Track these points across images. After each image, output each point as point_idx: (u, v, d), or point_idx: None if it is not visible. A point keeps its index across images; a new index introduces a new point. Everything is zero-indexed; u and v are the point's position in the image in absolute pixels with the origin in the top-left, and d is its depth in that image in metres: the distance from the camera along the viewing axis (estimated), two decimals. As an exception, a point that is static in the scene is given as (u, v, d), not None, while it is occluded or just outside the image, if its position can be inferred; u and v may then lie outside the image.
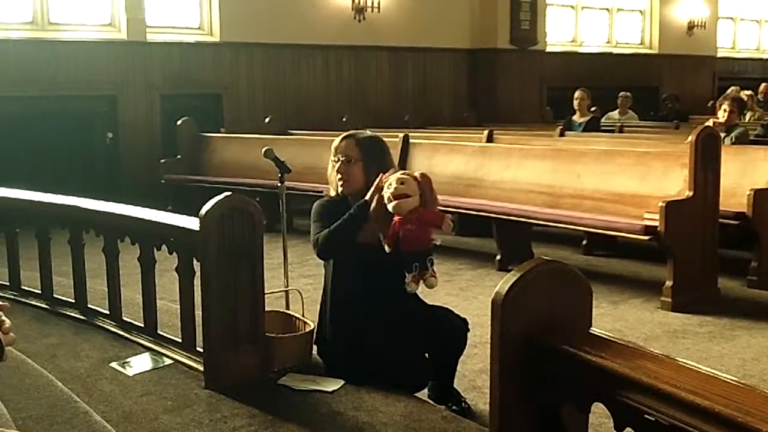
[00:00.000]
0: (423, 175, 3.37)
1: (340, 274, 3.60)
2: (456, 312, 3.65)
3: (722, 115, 7.27)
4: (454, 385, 3.64)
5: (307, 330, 3.73)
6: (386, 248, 3.30)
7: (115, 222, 4.20)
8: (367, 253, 3.45)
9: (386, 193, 3.28)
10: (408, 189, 3.26)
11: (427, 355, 3.55)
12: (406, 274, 3.27)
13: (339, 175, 3.56)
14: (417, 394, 3.46)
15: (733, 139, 7.04)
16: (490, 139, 7.95)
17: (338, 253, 3.54)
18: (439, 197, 3.47)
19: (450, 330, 3.51)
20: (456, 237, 7.50)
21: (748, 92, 11.32)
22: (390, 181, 3.29)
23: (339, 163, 3.57)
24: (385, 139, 3.75)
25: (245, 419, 3.17)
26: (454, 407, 3.49)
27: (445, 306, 3.73)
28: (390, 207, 3.27)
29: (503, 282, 2.19)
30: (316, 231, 3.54)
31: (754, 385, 1.78)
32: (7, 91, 8.87)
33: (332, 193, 3.65)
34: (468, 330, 3.57)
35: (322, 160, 7.99)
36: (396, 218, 3.28)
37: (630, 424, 1.94)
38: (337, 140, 3.64)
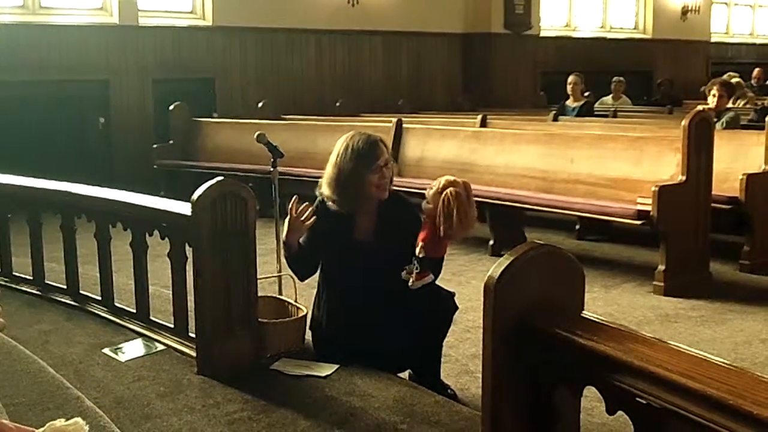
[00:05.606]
0: (453, 190, 3.25)
1: (337, 264, 3.60)
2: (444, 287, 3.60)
3: (712, 101, 7.26)
4: (441, 373, 3.63)
5: (300, 315, 3.73)
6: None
7: (107, 207, 4.18)
8: (363, 246, 3.50)
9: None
10: (428, 197, 3.32)
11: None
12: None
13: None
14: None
15: (724, 124, 7.01)
16: (483, 124, 7.94)
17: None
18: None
19: (440, 305, 3.49)
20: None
21: (737, 79, 11.25)
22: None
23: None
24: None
25: (238, 404, 3.18)
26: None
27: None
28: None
29: (496, 266, 2.19)
30: None
31: (746, 369, 1.79)
32: (-2, 76, 8.82)
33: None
34: (456, 307, 3.56)
35: (315, 145, 8.05)
36: None
37: (622, 408, 1.94)
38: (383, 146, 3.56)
